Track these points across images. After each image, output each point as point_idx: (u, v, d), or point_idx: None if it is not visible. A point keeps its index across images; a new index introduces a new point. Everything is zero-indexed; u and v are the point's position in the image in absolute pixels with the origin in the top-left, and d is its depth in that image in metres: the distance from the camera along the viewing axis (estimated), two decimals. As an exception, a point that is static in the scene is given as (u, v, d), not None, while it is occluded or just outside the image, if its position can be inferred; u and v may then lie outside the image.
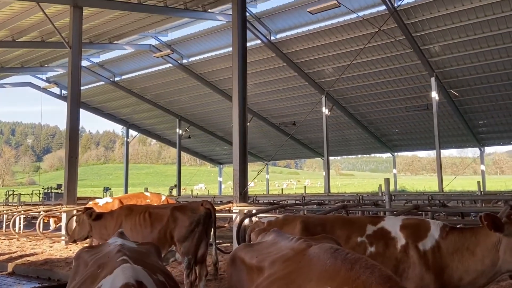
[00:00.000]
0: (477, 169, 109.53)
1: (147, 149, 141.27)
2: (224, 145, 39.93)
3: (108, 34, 22.18)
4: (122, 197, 9.36)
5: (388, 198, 7.68)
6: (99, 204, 8.92)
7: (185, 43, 25.42)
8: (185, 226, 6.54)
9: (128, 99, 32.63)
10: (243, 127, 10.30)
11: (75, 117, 14.13)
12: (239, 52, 10.41)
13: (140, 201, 9.19)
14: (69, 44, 14.02)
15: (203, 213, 6.63)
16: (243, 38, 10.66)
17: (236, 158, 9.98)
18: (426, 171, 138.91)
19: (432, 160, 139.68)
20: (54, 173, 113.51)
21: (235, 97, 10.46)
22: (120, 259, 2.64)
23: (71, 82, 13.95)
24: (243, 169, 10.00)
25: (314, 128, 33.20)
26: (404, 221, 3.91)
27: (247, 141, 10.37)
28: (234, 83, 10.57)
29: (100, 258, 2.88)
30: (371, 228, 3.95)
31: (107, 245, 3.31)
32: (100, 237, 6.93)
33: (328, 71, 24.99)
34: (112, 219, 6.93)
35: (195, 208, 6.70)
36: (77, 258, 3.31)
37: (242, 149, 10.11)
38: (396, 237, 3.82)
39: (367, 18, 20.06)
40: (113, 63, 28.73)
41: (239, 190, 9.78)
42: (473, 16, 18.76)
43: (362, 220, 4.07)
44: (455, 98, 25.42)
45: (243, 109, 10.41)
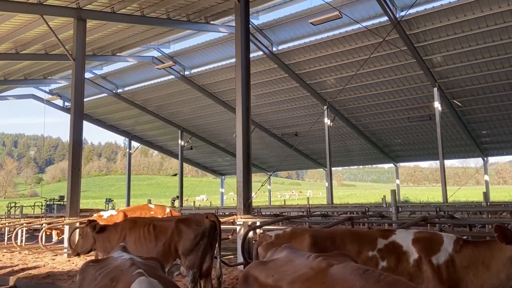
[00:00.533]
0: (479, 179, 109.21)
1: (149, 160, 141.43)
2: (226, 156, 39.92)
3: (111, 46, 22.30)
4: (126, 210, 9.27)
5: (394, 209, 7.57)
6: (103, 217, 8.84)
7: (187, 55, 25.52)
8: (190, 239, 6.45)
9: (130, 110, 32.70)
10: (247, 138, 10.24)
11: (78, 129, 14.11)
12: (243, 63, 10.40)
13: (144, 213, 9.10)
14: (73, 56, 14.07)
15: (208, 225, 6.53)
16: (246, 49, 10.66)
17: (239, 169, 9.90)
18: (428, 182, 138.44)
19: (435, 170, 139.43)
20: (56, 185, 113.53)
21: (238, 108, 10.42)
22: (136, 272, 2.67)
23: (75, 94, 13.96)
24: (247, 181, 9.92)
25: (316, 138, 33.16)
26: (416, 235, 3.82)
27: (250, 152, 10.31)
28: (237, 94, 10.55)
29: (112, 271, 2.89)
30: (382, 242, 3.87)
31: (113, 259, 3.31)
32: (104, 250, 6.84)
33: (330, 81, 25.02)
34: (116, 232, 6.84)
35: (200, 221, 6.61)
36: (82, 271, 3.30)
37: (246, 160, 10.03)
38: (408, 251, 3.73)
39: (370, 29, 20.14)
40: (115, 75, 28.84)
41: (243, 201, 9.69)
42: (475, 26, 18.80)
43: (372, 234, 3.99)
44: (457, 108, 25.39)
45: (247, 120, 10.36)
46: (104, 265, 3.14)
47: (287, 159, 38.42)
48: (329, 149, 26.61)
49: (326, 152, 26.53)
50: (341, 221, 7.11)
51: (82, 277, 3.23)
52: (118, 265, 3.01)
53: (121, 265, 2.95)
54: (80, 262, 12.71)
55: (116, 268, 2.92)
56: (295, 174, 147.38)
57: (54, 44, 19.43)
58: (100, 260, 3.44)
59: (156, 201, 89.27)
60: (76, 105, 14.08)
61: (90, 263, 3.33)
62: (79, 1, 14.69)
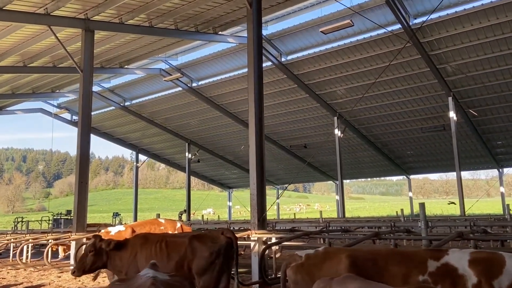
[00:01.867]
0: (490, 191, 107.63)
1: (155, 174, 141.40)
2: (234, 169, 39.43)
3: (118, 58, 22.11)
4: (135, 225, 8.79)
5: (424, 224, 7.02)
6: (111, 233, 8.37)
7: (195, 67, 25.27)
8: (205, 257, 5.95)
9: (137, 123, 32.46)
10: (260, 149, 9.77)
11: (85, 142, 13.74)
12: (255, 72, 10.00)
13: (154, 228, 8.62)
14: (81, 68, 13.77)
15: (224, 243, 6.04)
16: (259, 58, 10.26)
17: (253, 181, 9.41)
18: (438, 194, 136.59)
19: (445, 183, 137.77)
20: (64, 199, 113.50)
21: (251, 118, 9.98)
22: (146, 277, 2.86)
23: (82, 107, 13.64)
24: (261, 194, 9.41)
25: (326, 150, 32.58)
26: (473, 255, 3.30)
27: (264, 163, 9.83)
28: (250, 104, 10.12)
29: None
30: (434, 264, 3.35)
31: (138, 277, 3.35)
32: (114, 268, 6.36)
33: (341, 92, 24.57)
34: (126, 249, 6.35)
35: (215, 237, 6.12)
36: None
37: (260, 172, 9.54)
38: (465, 274, 3.21)
39: (381, 38, 19.75)
40: (123, 88, 28.67)
41: (257, 216, 9.17)
42: (491, 34, 18.33)
43: (421, 255, 3.47)
44: (473, 118, 24.77)
45: (260, 130, 9.91)
46: (128, 285, 3.20)
47: (297, 171, 37.83)
48: (340, 161, 26.01)
49: (337, 164, 25.93)
50: (368, 237, 6.57)
51: None
52: (139, 284, 3.06)
53: (141, 285, 3.01)
54: (87, 280, 12.20)
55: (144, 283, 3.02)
56: (302, 187, 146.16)
57: (62, 57, 19.24)
58: (126, 279, 3.53)
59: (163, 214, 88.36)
60: (83, 118, 13.74)
61: (117, 282, 3.44)
62: (87, 12, 14.46)
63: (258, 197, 9.30)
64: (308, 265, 3.65)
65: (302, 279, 3.60)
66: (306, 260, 3.71)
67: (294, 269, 3.69)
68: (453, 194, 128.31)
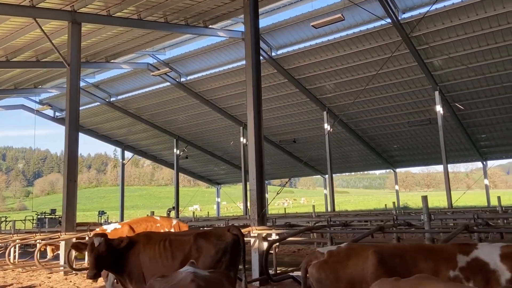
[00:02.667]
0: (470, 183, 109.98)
1: (140, 171, 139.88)
2: (222, 165, 39.20)
3: (104, 53, 21.62)
4: (131, 222, 8.55)
5: (427, 217, 6.98)
6: (107, 231, 8.10)
7: (183, 61, 24.92)
8: (211, 255, 5.77)
9: (123, 119, 31.92)
10: (259, 143, 9.61)
11: (73, 139, 13.37)
12: (253, 65, 9.81)
13: (150, 225, 8.40)
14: (67, 62, 13.36)
15: (231, 240, 5.87)
16: (256, 51, 10.08)
17: (253, 176, 9.25)
18: (420, 187, 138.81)
19: (426, 176, 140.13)
20: (45, 198, 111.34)
21: (250, 111, 9.81)
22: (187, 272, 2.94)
23: (70, 102, 13.24)
24: (260, 189, 9.28)
25: (314, 145, 32.62)
26: (504, 249, 3.22)
27: (263, 158, 9.68)
28: (248, 98, 9.95)
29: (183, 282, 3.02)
30: (463, 258, 3.26)
31: (178, 273, 3.39)
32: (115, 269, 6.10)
33: (329, 86, 24.57)
34: (128, 248, 6.10)
35: (221, 235, 5.95)
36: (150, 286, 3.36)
37: (259, 167, 9.39)
38: (497, 269, 3.13)
39: (371, 32, 19.77)
40: (108, 83, 28.10)
41: (257, 211, 9.03)
42: (478, 28, 18.52)
43: (449, 250, 3.38)
44: (458, 111, 25.09)
45: (259, 123, 9.75)
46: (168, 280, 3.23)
47: (285, 166, 37.85)
48: (330, 155, 26.06)
49: (327, 158, 25.98)
50: (373, 231, 6.50)
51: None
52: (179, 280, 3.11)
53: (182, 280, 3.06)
54: (78, 281, 11.89)
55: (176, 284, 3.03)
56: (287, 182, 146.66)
57: (46, 51, 18.70)
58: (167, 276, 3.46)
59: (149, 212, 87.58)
60: (71, 114, 13.34)
61: (158, 278, 3.40)
62: (73, 3, 14.03)
63: (258, 193, 9.16)
64: (331, 262, 3.52)
65: (326, 277, 3.47)
66: (329, 257, 3.58)
67: (317, 266, 3.56)
68: (434, 186, 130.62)
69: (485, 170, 31.75)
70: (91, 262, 5.78)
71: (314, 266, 3.59)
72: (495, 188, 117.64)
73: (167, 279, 3.24)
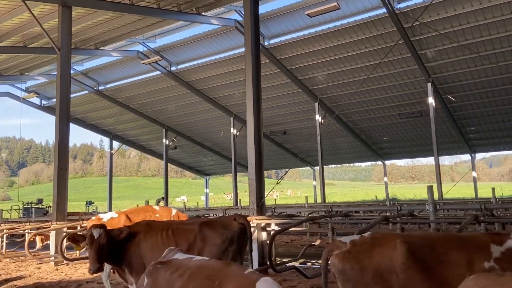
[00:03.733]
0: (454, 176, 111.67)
1: (126, 162, 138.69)
2: (211, 156, 38.91)
3: (93, 39, 21.07)
4: (128, 212, 8.28)
5: (432, 207, 6.89)
6: (103, 220, 7.83)
7: (174, 50, 24.47)
8: (217, 245, 5.57)
9: (112, 109, 31.33)
10: (258, 132, 9.41)
11: (64, 126, 12.98)
12: (252, 52, 9.59)
13: (149, 215, 8.14)
14: (58, 47, 12.91)
15: (237, 229, 5.67)
16: (256, 37, 9.84)
17: (252, 166, 9.06)
18: (405, 179, 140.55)
19: (411, 168, 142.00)
20: (30, 188, 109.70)
21: (249, 100, 9.60)
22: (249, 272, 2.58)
23: (60, 88, 12.82)
24: (259, 178, 9.09)
25: (305, 136, 32.58)
26: None
27: (262, 147, 9.48)
28: (247, 86, 9.72)
29: (200, 271, 2.76)
30: (497, 249, 3.12)
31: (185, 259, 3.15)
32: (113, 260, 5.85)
33: (322, 77, 24.41)
34: (128, 238, 5.85)
35: (227, 224, 5.74)
36: (151, 274, 3.09)
37: (258, 156, 9.20)
38: None
39: (365, 22, 19.62)
40: (97, 71, 27.49)
41: (256, 201, 8.85)
42: (473, 19, 18.51)
43: (481, 239, 3.24)
44: (449, 104, 25.22)
45: (258, 112, 9.55)
46: (179, 266, 2.97)
47: (274, 158, 37.73)
48: (321, 146, 26.01)
49: (318, 150, 25.92)
50: (379, 221, 6.38)
51: (152, 280, 3.05)
52: (204, 264, 2.88)
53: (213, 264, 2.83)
54: (70, 271, 11.59)
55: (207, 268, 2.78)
56: (274, 173, 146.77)
57: (33, 36, 18.10)
58: (169, 262, 3.20)
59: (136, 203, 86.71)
60: (62, 101, 12.93)
61: (159, 265, 3.17)
62: (64, -14, 13.53)
63: (257, 182, 8.97)
64: (355, 252, 3.36)
65: (351, 268, 3.30)
66: (352, 247, 3.41)
67: (340, 257, 3.39)
68: (419, 179, 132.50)
69: (473, 163, 32.10)
70: (92, 255, 5.51)
71: (337, 257, 3.41)
72: (478, 180, 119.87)
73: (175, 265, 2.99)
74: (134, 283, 6.00)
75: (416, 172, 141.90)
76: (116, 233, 5.78)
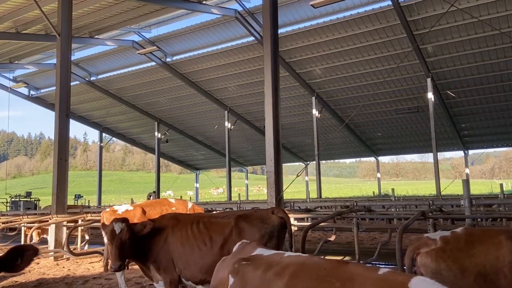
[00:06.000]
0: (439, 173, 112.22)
1: (111, 156, 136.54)
2: (203, 150, 38.35)
3: (88, 27, 20.36)
4: (144, 204, 7.81)
5: (468, 202, 6.63)
6: (118, 212, 7.35)
7: (169, 40, 23.83)
8: (255, 240, 5.17)
9: (103, 100, 30.51)
10: (276, 121, 9.04)
11: (64, 116, 12.41)
12: (271, 38, 9.19)
13: (165, 209, 7.69)
14: (58, 32, 12.26)
15: (277, 223, 5.29)
16: (274, 24, 9.42)
17: (270, 158, 8.68)
18: (389, 176, 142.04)
19: (395, 165, 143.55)
20: (11, 182, 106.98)
21: (267, 89, 9.20)
22: (386, 272, 2.09)
23: (61, 75, 12.20)
24: (277, 171, 8.72)
25: (298, 131, 32.31)
26: None
27: (280, 138, 9.10)
28: (266, 73, 9.31)
29: (309, 270, 2.32)
30: None
31: (276, 255, 2.71)
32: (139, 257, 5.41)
33: (320, 71, 24.10)
34: (153, 233, 5.41)
35: (265, 217, 5.35)
36: (237, 273, 2.69)
37: (276, 148, 8.83)
38: None
39: (368, 15, 19.35)
40: (89, 61, 26.66)
41: (275, 195, 8.48)
42: (477, 14, 18.33)
43: None
44: (446, 100, 25.21)
45: (276, 101, 9.16)
46: (271, 263, 2.55)
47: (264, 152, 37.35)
48: (318, 141, 25.78)
49: (315, 145, 25.75)
50: (416, 216, 6.08)
51: (240, 279, 2.64)
52: (306, 262, 2.45)
53: (318, 263, 2.38)
54: (72, 266, 11.04)
55: (313, 267, 2.34)
56: (259, 169, 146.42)
57: (26, 22, 17.31)
58: (255, 258, 2.77)
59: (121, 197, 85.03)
60: (62, 89, 12.32)
61: (244, 261, 2.75)
62: (63, -32, 12.85)
63: (276, 175, 8.59)
64: (450, 250, 3.00)
65: (448, 268, 2.94)
66: (445, 245, 3.05)
67: (432, 256, 3.03)
68: (403, 176, 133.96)
69: (466, 159, 32.30)
70: (113, 252, 5.06)
71: (429, 255, 3.05)
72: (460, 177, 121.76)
73: (266, 262, 2.59)
74: (161, 280, 5.57)
75: (401, 169, 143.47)
76: (139, 227, 5.35)
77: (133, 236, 5.19)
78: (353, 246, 13.68)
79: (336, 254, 10.51)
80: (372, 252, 9.48)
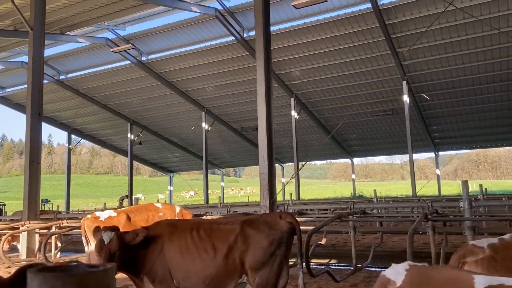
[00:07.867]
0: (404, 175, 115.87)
1: (77, 158, 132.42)
2: (177, 152, 37.59)
3: (58, 23, 19.43)
4: (128, 210, 7.28)
5: (468, 204, 6.53)
6: (100, 219, 6.82)
7: (145, 38, 23.14)
8: (263, 247, 4.80)
9: (72, 100, 29.32)
10: (269, 122, 8.72)
11: (36, 115, 11.61)
12: (264, 35, 8.85)
13: (151, 214, 7.20)
14: (30, 25, 11.50)
15: (286, 229, 4.94)
16: (266, 20, 9.10)
17: (264, 159, 8.35)
18: (358, 177, 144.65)
19: (364, 167, 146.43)
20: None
21: (260, 87, 8.88)
22: None
23: (33, 73, 11.45)
24: (271, 172, 8.40)
25: (276, 133, 31.96)
26: None
27: (273, 139, 8.80)
28: (258, 71, 9.00)
29: None
30: None
31: None
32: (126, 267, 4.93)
33: (299, 72, 24.02)
34: (146, 242, 4.96)
35: (272, 223, 4.99)
36: None
37: (269, 149, 8.51)
38: None
39: (348, 17, 19.40)
40: (58, 60, 25.54)
41: (268, 197, 8.16)
42: (452, 18, 18.77)
43: None
44: (420, 102, 25.66)
45: (269, 101, 8.85)
46: None
47: (242, 154, 37.09)
48: (296, 143, 25.68)
49: (294, 146, 25.64)
50: (420, 220, 5.91)
51: None
52: None
53: None
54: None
55: None
56: (232, 171, 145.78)
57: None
58: None
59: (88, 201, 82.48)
60: (34, 87, 11.55)
61: None
62: (36, -41, 12.10)
63: (269, 177, 8.28)
64: (502, 259, 2.76)
65: None
66: (495, 253, 2.82)
67: (484, 265, 2.78)
68: (372, 177, 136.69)
69: (437, 160, 33.05)
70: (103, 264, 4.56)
71: (480, 265, 2.80)
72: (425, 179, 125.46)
73: None
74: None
75: (370, 170, 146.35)
76: (131, 236, 4.87)
77: (124, 247, 4.73)
78: (338, 249, 13.55)
79: (323, 258, 10.30)
80: (360, 255, 9.32)
